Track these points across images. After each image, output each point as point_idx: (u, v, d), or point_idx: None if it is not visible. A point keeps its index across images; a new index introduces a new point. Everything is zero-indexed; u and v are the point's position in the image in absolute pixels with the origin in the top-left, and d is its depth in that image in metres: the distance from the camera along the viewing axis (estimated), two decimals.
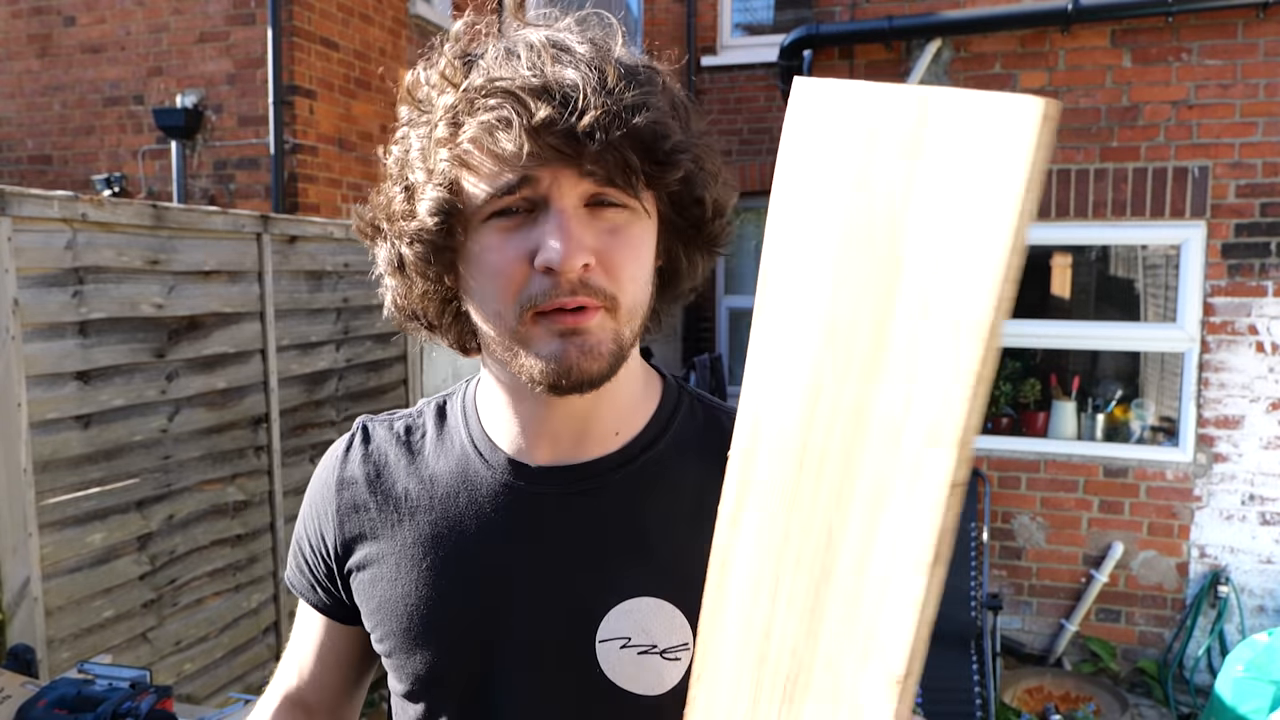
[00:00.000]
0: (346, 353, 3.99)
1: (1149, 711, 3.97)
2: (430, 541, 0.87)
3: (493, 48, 0.76)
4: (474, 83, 0.73)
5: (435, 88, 0.77)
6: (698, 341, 7.69)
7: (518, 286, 0.74)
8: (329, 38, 5.54)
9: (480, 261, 0.76)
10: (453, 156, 0.74)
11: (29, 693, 2.04)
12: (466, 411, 0.91)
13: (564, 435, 0.84)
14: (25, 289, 2.57)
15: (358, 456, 0.92)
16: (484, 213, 0.74)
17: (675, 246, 0.82)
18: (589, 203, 0.74)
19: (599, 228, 0.74)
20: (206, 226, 3.23)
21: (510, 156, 0.71)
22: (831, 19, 4.36)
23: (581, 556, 0.84)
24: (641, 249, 0.77)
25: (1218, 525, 4.04)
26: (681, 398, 0.91)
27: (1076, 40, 4.04)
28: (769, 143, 7.32)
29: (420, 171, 0.77)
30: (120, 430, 2.89)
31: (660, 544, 0.84)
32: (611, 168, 0.71)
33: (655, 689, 0.82)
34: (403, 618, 0.87)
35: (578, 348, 0.74)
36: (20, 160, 5.86)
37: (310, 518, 0.95)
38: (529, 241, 0.73)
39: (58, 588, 2.68)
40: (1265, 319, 3.92)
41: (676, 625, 0.82)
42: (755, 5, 7.88)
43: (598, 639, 0.82)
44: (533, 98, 0.70)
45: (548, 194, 0.72)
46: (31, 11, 5.73)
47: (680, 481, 0.85)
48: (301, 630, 1.00)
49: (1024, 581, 4.33)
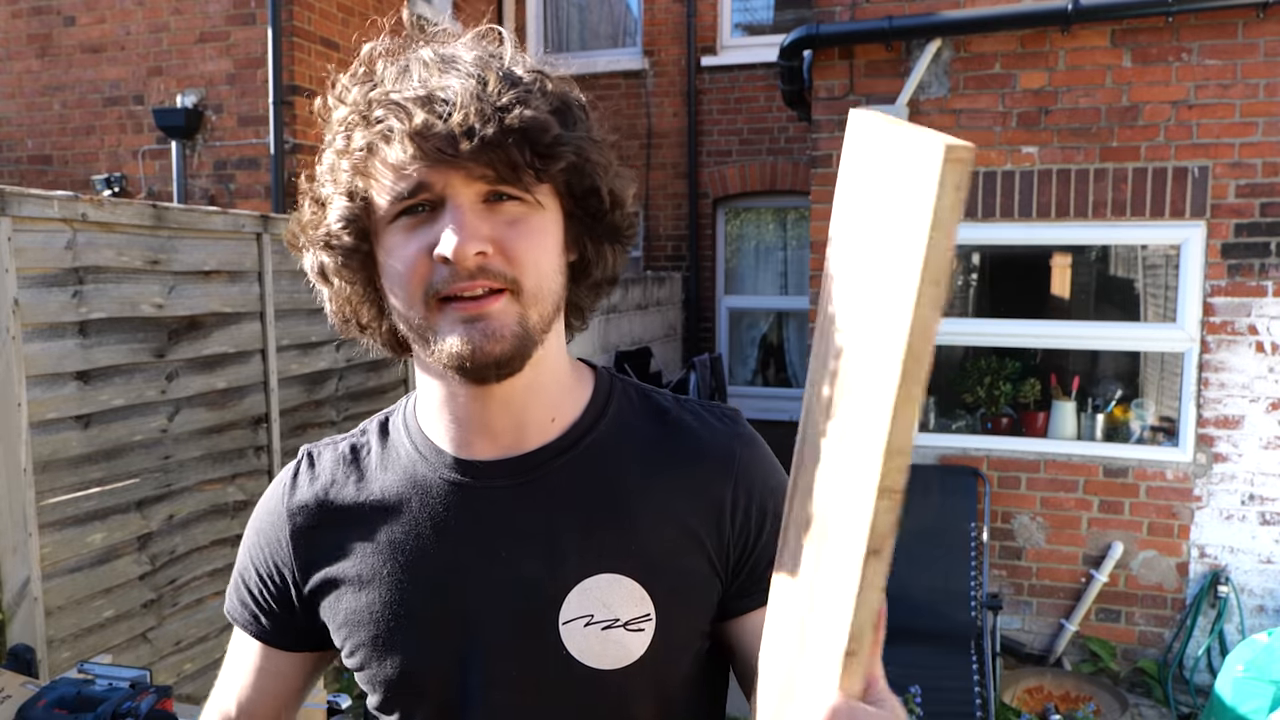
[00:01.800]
0: (346, 353, 3.99)
1: (1149, 711, 3.97)
2: (388, 550, 0.89)
3: (391, 66, 0.82)
4: (366, 96, 0.79)
5: (335, 104, 0.83)
6: (698, 341, 7.69)
7: (422, 278, 0.79)
8: (329, 38, 5.54)
9: (389, 259, 0.81)
10: (352, 166, 0.80)
11: (29, 693, 2.04)
12: (407, 421, 0.94)
13: (501, 428, 0.87)
14: (25, 289, 2.57)
15: (305, 481, 0.95)
16: (389, 215, 0.80)
17: (583, 239, 0.86)
18: (487, 199, 0.78)
19: (497, 220, 0.79)
20: (206, 226, 3.23)
21: (400, 163, 0.76)
22: (831, 19, 4.35)
23: (535, 543, 0.87)
24: (541, 237, 0.81)
25: (1218, 525, 4.04)
26: (614, 383, 0.95)
27: (1076, 40, 4.04)
28: (769, 143, 7.32)
29: (329, 185, 0.82)
30: (120, 430, 2.89)
31: (610, 522, 0.87)
32: (497, 164, 0.76)
33: (621, 661, 0.86)
34: (370, 627, 0.89)
35: (480, 331, 0.78)
36: (20, 160, 5.86)
37: (258, 547, 0.97)
38: (430, 236, 0.78)
39: (58, 588, 2.68)
40: (1265, 319, 3.92)
41: (636, 597, 0.86)
42: (755, 5, 7.88)
43: (560, 620, 0.85)
44: (414, 106, 0.76)
45: (444, 194, 0.77)
46: (31, 11, 5.73)
47: (623, 460, 0.89)
48: (238, 657, 1.01)
49: (1024, 581, 4.33)
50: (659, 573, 0.87)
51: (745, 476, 0.91)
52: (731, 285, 7.82)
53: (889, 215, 0.56)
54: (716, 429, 0.92)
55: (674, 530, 0.88)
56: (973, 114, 4.19)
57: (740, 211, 7.75)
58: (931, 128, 2.25)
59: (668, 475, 0.89)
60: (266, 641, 0.98)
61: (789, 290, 7.63)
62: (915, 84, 4.19)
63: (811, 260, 4.53)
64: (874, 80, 4.32)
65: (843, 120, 4.70)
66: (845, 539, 0.57)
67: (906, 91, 4.19)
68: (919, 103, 4.23)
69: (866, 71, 4.33)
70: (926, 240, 0.49)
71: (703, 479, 0.90)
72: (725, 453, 0.91)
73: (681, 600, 0.88)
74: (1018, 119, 4.14)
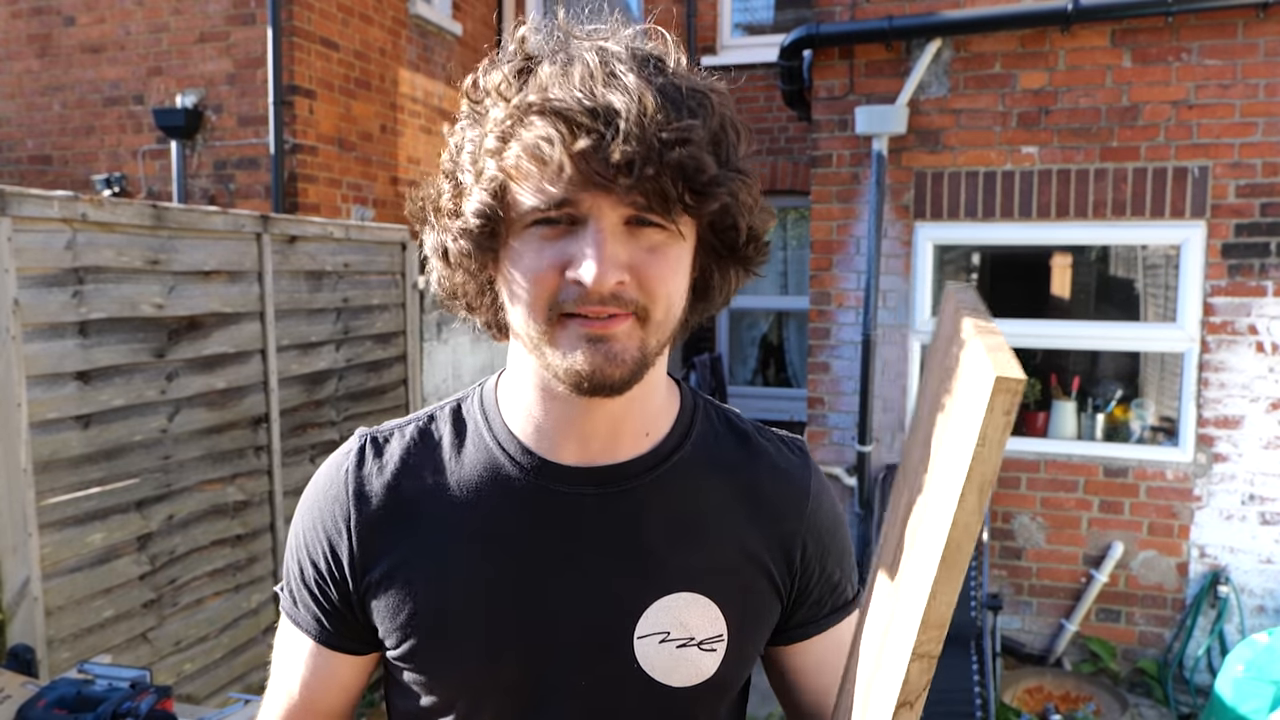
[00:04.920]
0: (346, 353, 3.99)
1: (1149, 711, 3.97)
2: (463, 547, 0.86)
3: (549, 59, 0.77)
4: (526, 99, 0.75)
5: (490, 95, 0.79)
6: (698, 341, 7.69)
7: (550, 292, 0.77)
8: (329, 38, 5.54)
9: (519, 263, 0.78)
10: (500, 167, 0.77)
11: (29, 693, 2.04)
12: (487, 413, 0.91)
13: (595, 436, 0.86)
14: (25, 289, 2.57)
15: (372, 468, 0.89)
16: (527, 219, 0.77)
17: (710, 264, 0.84)
18: (629, 221, 0.76)
19: (637, 245, 0.77)
20: (206, 226, 3.23)
21: (551, 176, 0.74)
22: (831, 19, 4.35)
23: (618, 556, 0.86)
24: (677, 267, 0.80)
25: (1218, 525, 4.04)
26: (696, 400, 0.95)
27: (1076, 40, 4.04)
28: (768, 143, 7.32)
29: (469, 174, 0.79)
30: (120, 430, 2.89)
31: (693, 540, 0.87)
32: (650, 195, 0.73)
33: (691, 680, 0.86)
34: (436, 626, 0.86)
35: (602, 353, 0.77)
36: (20, 160, 5.86)
37: (316, 540, 0.90)
38: (566, 252, 0.76)
39: (58, 588, 2.68)
40: (1265, 319, 3.92)
41: (711, 617, 0.87)
42: (755, 5, 7.88)
43: (636, 635, 0.85)
44: (576, 122, 0.72)
45: (588, 213, 0.75)
46: (31, 11, 5.73)
47: (708, 479, 0.90)
48: (297, 667, 0.94)
49: (1024, 581, 4.33)
50: (733, 594, 0.88)
51: (816, 513, 0.93)
52: None
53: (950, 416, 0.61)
54: (793, 461, 0.95)
55: (748, 554, 0.90)
56: (973, 114, 4.19)
57: None
58: (931, 128, 2.27)
59: (748, 500, 0.91)
60: (333, 647, 0.92)
61: (789, 290, 7.62)
62: (915, 84, 4.19)
63: (811, 260, 4.53)
64: (874, 80, 4.32)
65: (843, 120, 4.70)
66: (884, 692, 0.65)
67: (906, 91, 4.19)
68: (919, 103, 4.23)
69: (866, 71, 4.33)
70: (972, 454, 0.54)
71: (780, 509, 0.92)
72: (802, 487, 0.94)
73: (751, 623, 0.90)
74: (1018, 119, 4.14)
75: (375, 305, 4.16)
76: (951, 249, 4.58)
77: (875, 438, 4.38)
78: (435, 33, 6.55)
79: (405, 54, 6.26)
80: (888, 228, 4.32)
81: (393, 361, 4.33)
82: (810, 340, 4.56)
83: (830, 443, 4.53)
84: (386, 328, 4.26)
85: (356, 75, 5.81)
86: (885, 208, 4.29)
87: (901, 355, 4.38)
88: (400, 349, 4.38)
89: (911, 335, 4.37)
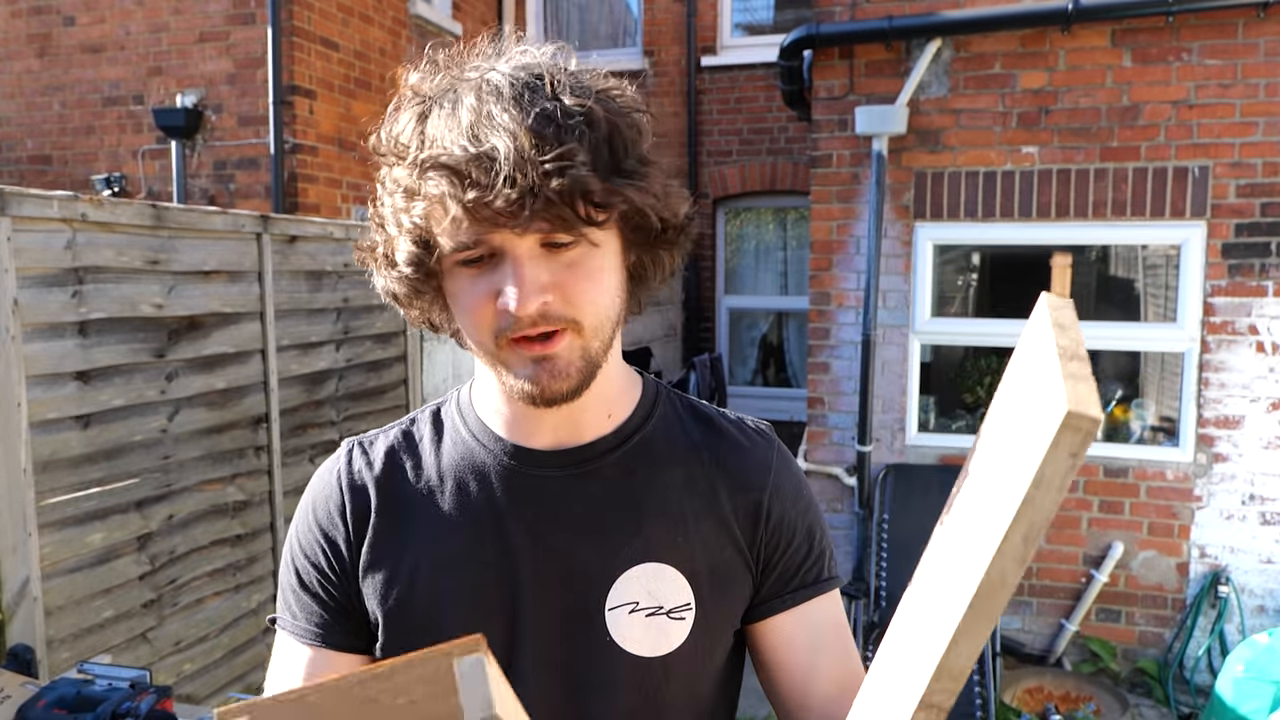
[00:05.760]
0: (346, 353, 3.99)
1: (1149, 711, 3.97)
2: (444, 532, 0.92)
3: (439, 103, 0.82)
4: (420, 155, 0.80)
5: (388, 157, 0.85)
6: (698, 341, 7.69)
7: (489, 322, 0.83)
8: (329, 38, 5.54)
9: (456, 300, 0.86)
10: (412, 221, 0.83)
11: (29, 693, 2.04)
12: (463, 411, 0.98)
13: (561, 424, 0.92)
14: (25, 289, 2.57)
15: (361, 466, 0.96)
16: (453, 260, 0.83)
17: (639, 253, 0.89)
18: (544, 244, 0.81)
19: (556, 263, 0.82)
20: (206, 226, 3.23)
21: (456, 225, 0.80)
22: (831, 19, 4.35)
23: (587, 531, 0.91)
24: (599, 275, 0.84)
25: (1218, 525, 4.04)
26: (659, 389, 1.01)
27: (1076, 40, 4.04)
28: (768, 143, 7.32)
29: (393, 225, 0.85)
30: (120, 430, 2.89)
31: (658, 514, 0.92)
32: (551, 220, 0.78)
33: (661, 648, 0.90)
34: (419, 607, 0.91)
35: (547, 371, 0.83)
36: (20, 160, 5.86)
37: (314, 535, 0.95)
38: (493, 283, 0.82)
39: (58, 588, 2.68)
40: (1265, 319, 3.92)
41: (679, 586, 0.91)
42: (755, 5, 7.88)
43: (607, 607, 0.90)
44: (461, 173, 0.77)
45: (501, 246, 0.80)
46: (31, 11, 5.73)
47: (672, 455, 0.95)
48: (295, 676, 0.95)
49: (1024, 581, 4.33)
50: (700, 563, 0.92)
51: (780, 485, 0.97)
52: (731, 285, 7.83)
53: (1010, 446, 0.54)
54: (757, 440, 1.00)
55: (715, 524, 0.94)
56: (973, 114, 4.19)
57: (740, 211, 7.75)
58: (931, 128, 2.25)
59: (712, 473, 0.95)
60: (335, 646, 0.94)
61: (789, 290, 7.63)
62: (915, 84, 4.19)
63: (811, 260, 4.53)
64: (874, 80, 4.32)
65: (843, 120, 4.70)
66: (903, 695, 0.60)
67: (906, 91, 4.19)
68: (919, 103, 4.23)
69: (866, 71, 4.33)
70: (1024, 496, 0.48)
71: (744, 480, 0.96)
72: (765, 460, 0.98)
73: (720, 591, 0.93)
74: (1018, 119, 4.14)
75: (375, 305, 4.16)
76: (951, 249, 4.58)
77: (875, 438, 4.38)
78: (435, 33, 6.56)
79: (405, 54, 6.25)
80: (888, 228, 4.32)
81: (393, 361, 4.33)
82: (810, 340, 4.56)
83: (830, 443, 4.53)
84: (387, 328, 4.26)
85: (356, 75, 5.81)
86: (885, 208, 4.29)
87: (901, 355, 4.38)
88: (400, 349, 4.38)
89: (911, 335, 4.37)
